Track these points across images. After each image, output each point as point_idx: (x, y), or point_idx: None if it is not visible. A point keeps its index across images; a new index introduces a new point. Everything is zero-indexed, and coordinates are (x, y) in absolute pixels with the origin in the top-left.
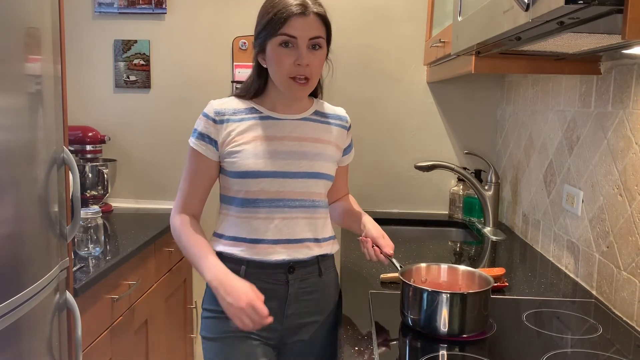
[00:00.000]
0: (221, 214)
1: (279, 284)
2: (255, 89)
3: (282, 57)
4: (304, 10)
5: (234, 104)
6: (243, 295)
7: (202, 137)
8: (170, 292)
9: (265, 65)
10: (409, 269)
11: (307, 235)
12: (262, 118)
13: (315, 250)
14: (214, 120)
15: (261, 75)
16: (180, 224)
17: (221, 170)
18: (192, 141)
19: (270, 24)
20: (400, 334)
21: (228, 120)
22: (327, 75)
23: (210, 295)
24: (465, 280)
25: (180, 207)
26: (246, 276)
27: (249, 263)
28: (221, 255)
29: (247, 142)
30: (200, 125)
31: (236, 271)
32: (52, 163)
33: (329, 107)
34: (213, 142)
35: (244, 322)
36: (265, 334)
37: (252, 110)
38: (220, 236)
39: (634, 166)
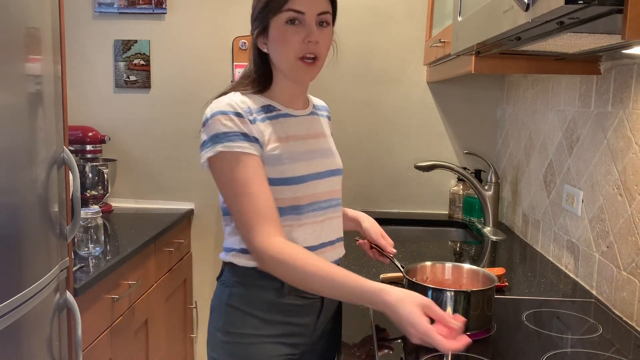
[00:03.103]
0: None
1: (315, 298)
2: (261, 82)
3: (289, 35)
4: None
5: (248, 102)
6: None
7: (246, 137)
8: (170, 292)
9: (265, 50)
10: (414, 267)
11: (337, 236)
12: (281, 116)
13: (341, 250)
14: (249, 120)
15: (263, 65)
16: (286, 254)
17: None
18: (234, 145)
19: (273, 1)
20: (400, 334)
21: (255, 120)
22: (331, 58)
23: (234, 316)
24: (469, 279)
25: (268, 224)
26: (290, 293)
27: None
28: (258, 273)
29: (279, 145)
30: (232, 124)
31: (277, 288)
32: (52, 163)
33: (315, 99)
34: (257, 141)
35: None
36: (292, 350)
37: (269, 108)
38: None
39: (634, 166)
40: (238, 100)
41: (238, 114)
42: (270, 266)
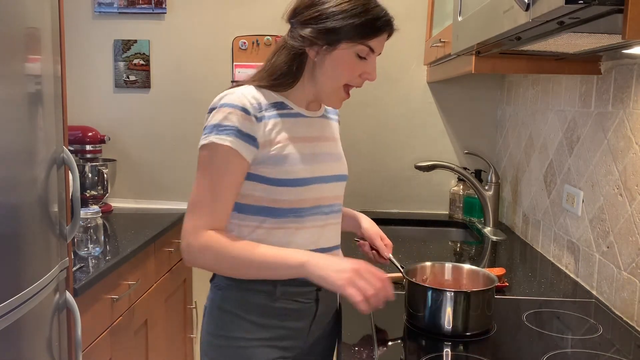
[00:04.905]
0: (247, 226)
1: (309, 302)
2: (288, 83)
3: (355, 66)
4: (392, 25)
5: (262, 97)
6: (351, 262)
7: (241, 134)
8: (170, 292)
9: (315, 59)
10: (414, 267)
11: (335, 243)
12: (292, 115)
13: (340, 257)
14: (256, 117)
15: (297, 69)
16: (214, 240)
17: (254, 177)
18: (226, 139)
19: (360, 28)
20: (400, 334)
21: (265, 117)
22: None
23: (227, 319)
24: (469, 279)
25: (206, 225)
26: (282, 296)
27: (284, 281)
28: None
29: (288, 144)
30: (234, 119)
31: (271, 292)
32: (52, 163)
33: None
34: (254, 142)
35: (361, 288)
36: (284, 353)
37: (282, 105)
38: None
39: (634, 166)
40: (250, 94)
41: (245, 110)
42: (196, 256)
